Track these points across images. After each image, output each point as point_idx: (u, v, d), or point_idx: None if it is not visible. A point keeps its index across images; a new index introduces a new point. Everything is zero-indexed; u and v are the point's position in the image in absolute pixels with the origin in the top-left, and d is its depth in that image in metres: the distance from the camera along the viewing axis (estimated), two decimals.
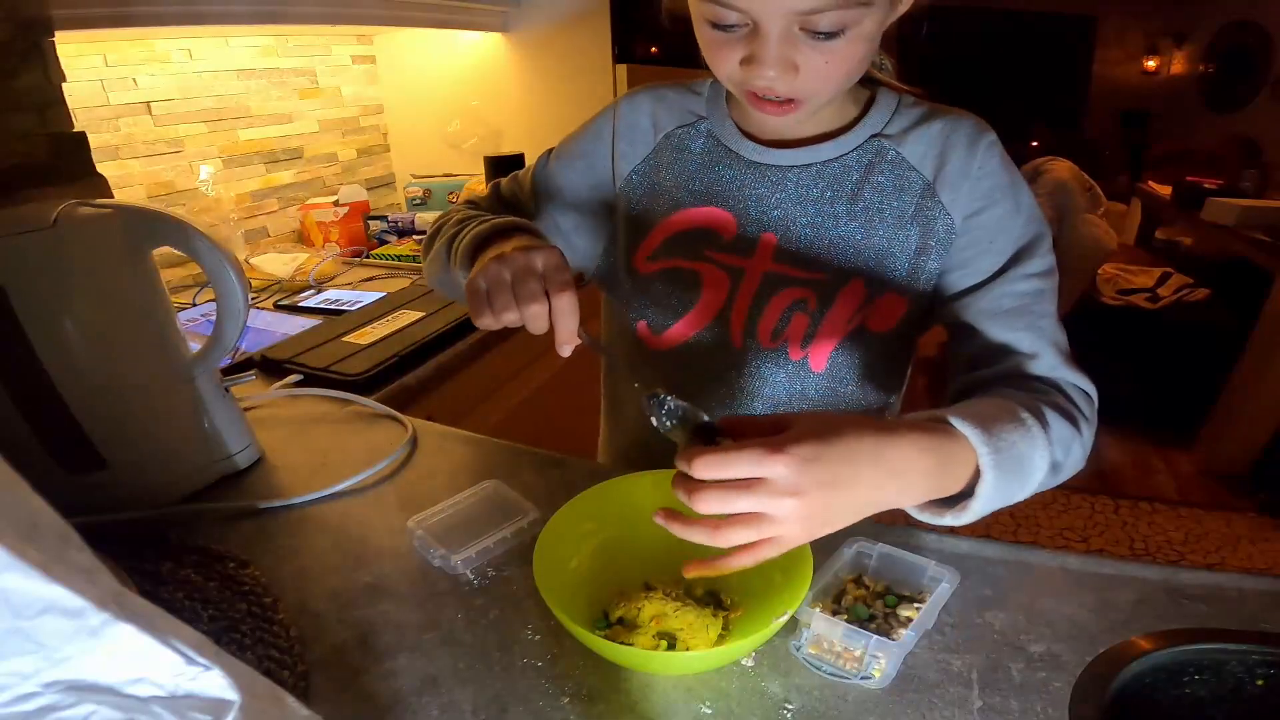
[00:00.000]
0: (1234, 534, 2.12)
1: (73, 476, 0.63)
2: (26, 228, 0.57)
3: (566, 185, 0.73)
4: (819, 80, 0.53)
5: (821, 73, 0.53)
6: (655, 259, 0.68)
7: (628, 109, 0.70)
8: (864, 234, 0.63)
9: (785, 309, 0.64)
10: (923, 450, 0.43)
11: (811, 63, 0.52)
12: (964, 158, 0.61)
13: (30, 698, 0.23)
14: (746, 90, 0.56)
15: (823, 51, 0.51)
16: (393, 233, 1.76)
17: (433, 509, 0.61)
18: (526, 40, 1.75)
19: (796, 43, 0.51)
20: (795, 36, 0.51)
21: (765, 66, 0.51)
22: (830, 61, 0.52)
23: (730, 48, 0.53)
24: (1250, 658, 0.48)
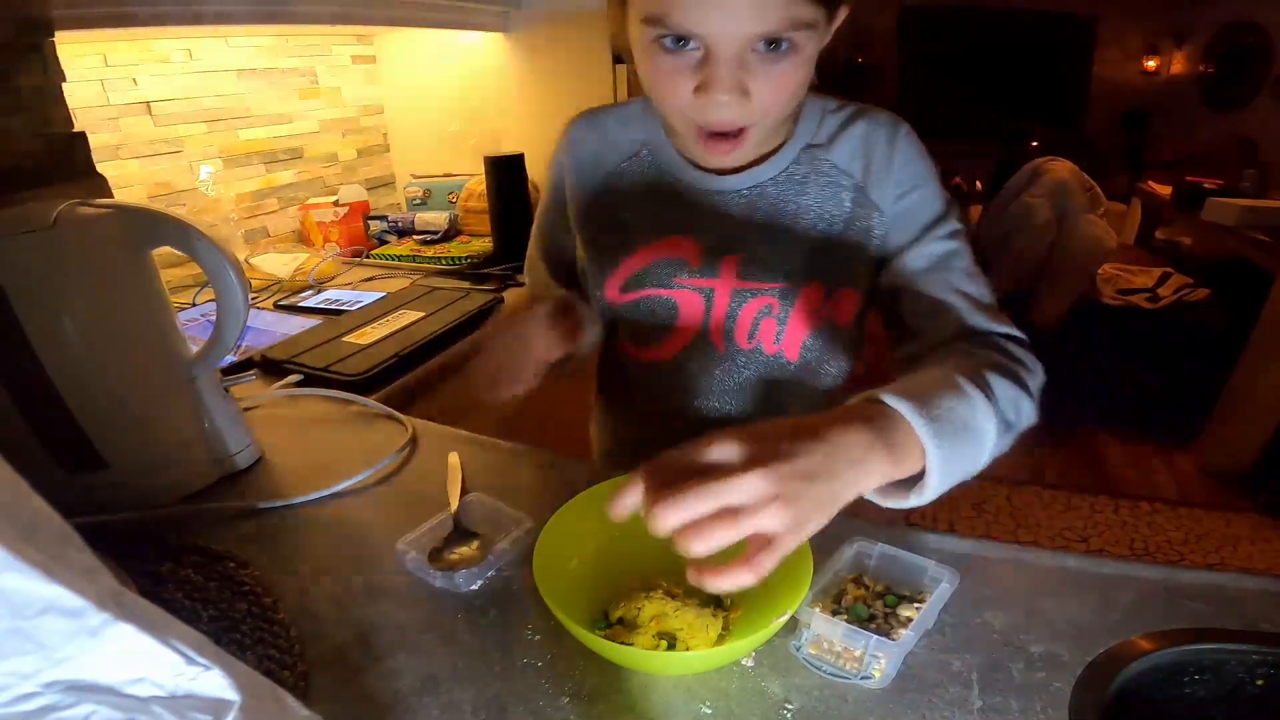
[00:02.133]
0: (1234, 534, 2.12)
1: (73, 476, 0.63)
2: (26, 228, 0.57)
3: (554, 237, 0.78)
4: (768, 103, 0.55)
5: (770, 96, 0.54)
6: (628, 290, 0.70)
7: (575, 143, 0.73)
8: (812, 240, 0.66)
9: (755, 315, 0.68)
10: (871, 435, 0.42)
11: (761, 86, 0.53)
12: (885, 153, 0.64)
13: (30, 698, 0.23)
14: (697, 127, 0.57)
15: (772, 74, 0.53)
16: (393, 233, 1.76)
17: (421, 527, 0.59)
18: (526, 40, 1.75)
19: (748, 66, 0.52)
20: (747, 60, 0.52)
21: (719, 91, 0.52)
22: (778, 84, 0.54)
23: (681, 75, 0.53)
24: (1250, 658, 0.48)
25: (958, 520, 2.21)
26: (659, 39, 0.52)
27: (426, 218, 1.74)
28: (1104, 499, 2.29)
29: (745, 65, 0.52)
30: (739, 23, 0.50)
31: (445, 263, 1.58)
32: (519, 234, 1.56)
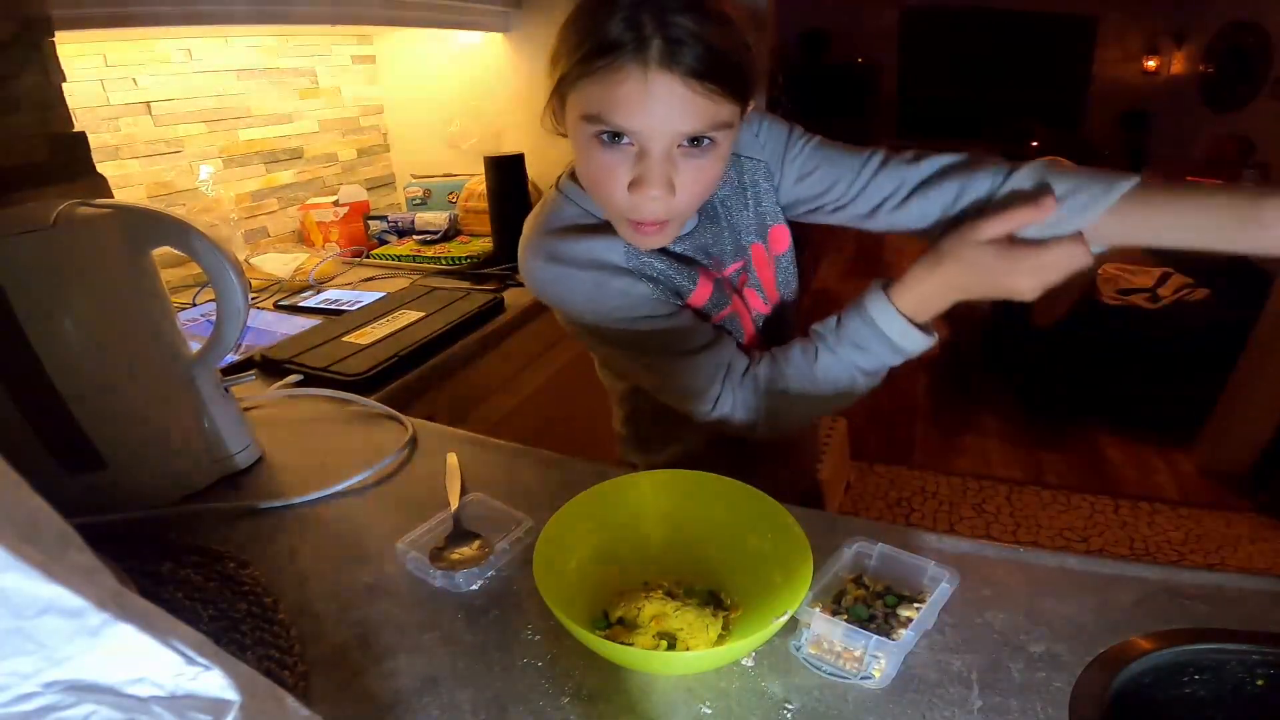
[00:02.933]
0: (1234, 534, 2.12)
1: (73, 476, 0.63)
2: (26, 228, 0.57)
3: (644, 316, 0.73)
4: (690, 196, 0.61)
5: (692, 189, 0.61)
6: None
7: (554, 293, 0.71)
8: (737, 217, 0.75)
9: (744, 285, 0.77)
10: None
11: (685, 180, 0.60)
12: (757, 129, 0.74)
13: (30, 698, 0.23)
14: (631, 221, 0.63)
15: (692, 169, 0.60)
16: (393, 233, 1.76)
17: (421, 527, 0.59)
18: (526, 40, 1.75)
19: (674, 161, 0.59)
20: (674, 157, 0.59)
21: (651, 187, 0.58)
22: (699, 178, 0.61)
23: (619, 170, 0.59)
24: (1250, 658, 0.48)
25: (958, 520, 2.21)
26: (599, 135, 0.58)
27: (426, 218, 1.74)
28: (1104, 499, 2.29)
29: (672, 160, 0.59)
30: (669, 122, 0.56)
31: (445, 263, 1.58)
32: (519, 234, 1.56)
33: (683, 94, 0.55)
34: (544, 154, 1.77)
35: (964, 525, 2.18)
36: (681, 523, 0.56)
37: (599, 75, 0.56)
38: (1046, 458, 2.53)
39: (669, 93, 0.55)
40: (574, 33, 0.58)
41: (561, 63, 0.60)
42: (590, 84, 0.57)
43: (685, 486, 0.57)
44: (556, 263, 0.69)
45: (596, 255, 0.68)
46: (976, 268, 0.63)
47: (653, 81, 0.55)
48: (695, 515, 0.56)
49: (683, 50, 0.54)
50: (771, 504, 0.53)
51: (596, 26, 0.55)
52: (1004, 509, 2.26)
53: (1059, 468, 2.48)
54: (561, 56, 0.60)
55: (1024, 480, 2.41)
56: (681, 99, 0.55)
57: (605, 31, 0.55)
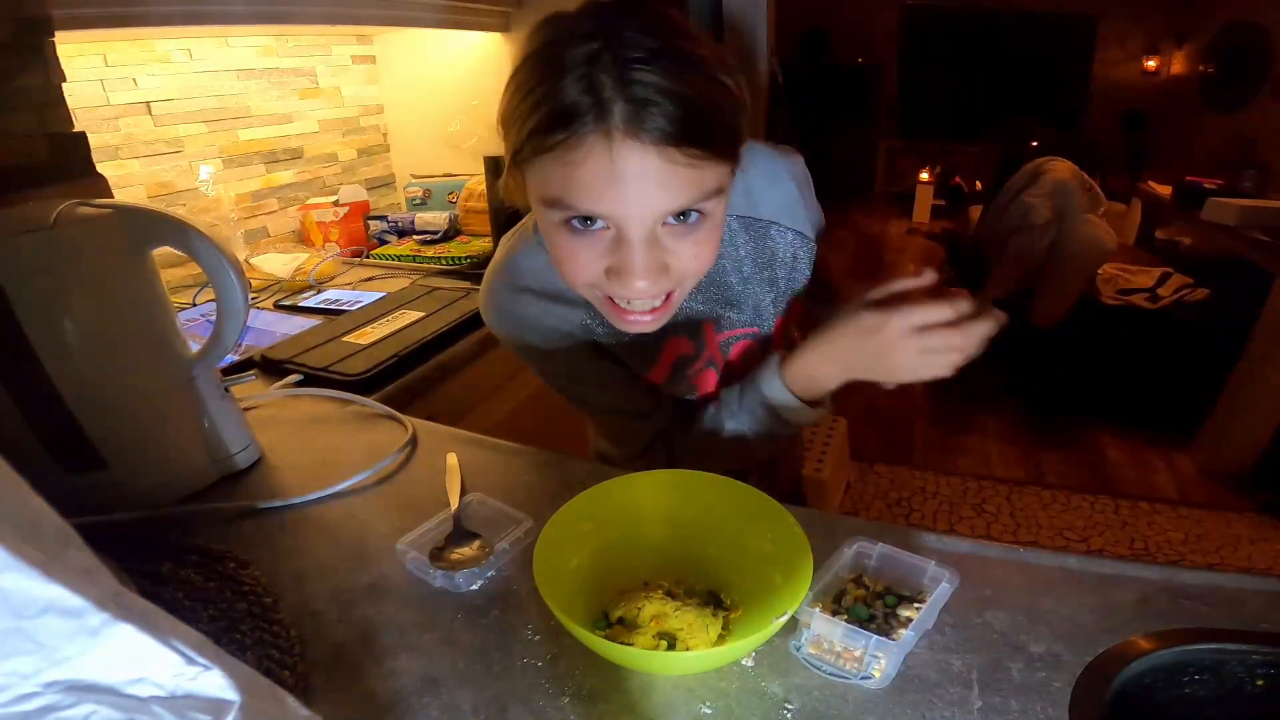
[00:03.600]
0: (1234, 534, 2.12)
1: (73, 476, 0.63)
2: (26, 228, 0.57)
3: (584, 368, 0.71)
4: (687, 273, 0.54)
5: (688, 265, 0.53)
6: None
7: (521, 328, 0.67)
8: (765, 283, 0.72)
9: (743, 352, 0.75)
10: None
11: (679, 258, 0.52)
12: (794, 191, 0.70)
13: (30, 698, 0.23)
14: (610, 302, 0.55)
15: (687, 245, 0.51)
16: (393, 233, 1.76)
17: (421, 527, 0.59)
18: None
19: (661, 242, 0.50)
20: (659, 236, 0.50)
21: (635, 278, 0.50)
22: (695, 254, 0.52)
23: (592, 256, 0.51)
24: (1250, 658, 0.48)
25: (958, 520, 2.21)
26: (565, 221, 0.50)
27: (426, 218, 1.74)
28: (1104, 499, 2.29)
29: (657, 242, 0.50)
30: (646, 204, 0.47)
31: (445, 263, 1.58)
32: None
33: (658, 166, 0.46)
34: None
35: (964, 525, 2.18)
36: (681, 523, 0.56)
37: (556, 152, 0.47)
38: (1046, 458, 2.53)
39: (641, 166, 0.46)
40: (523, 96, 0.48)
41: (513, 130, 0.50)
42: (548, 162, 0.48)
43: (685, 486, 0.57)
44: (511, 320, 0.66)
45: (552, 325, 0.64)
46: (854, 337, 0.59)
47: (620, 155, 0.45)
48: (695, 515, 0.56)
49: (651, 112, 0.45)
50: (771, 504, 0.53)
51: (547, 91, 0.46)
52: (1004, 509, 2.26)
53: (1059, 468, 2.48)
54: (513, 122, 0.50)
55: (1024, 480, 2.41)
56: (658, 172, 0.46)
57: (558, 97, 0.45)
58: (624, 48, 0.45)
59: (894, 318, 0.56)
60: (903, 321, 0.56)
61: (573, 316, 0.64)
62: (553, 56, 0.46)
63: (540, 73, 0.47)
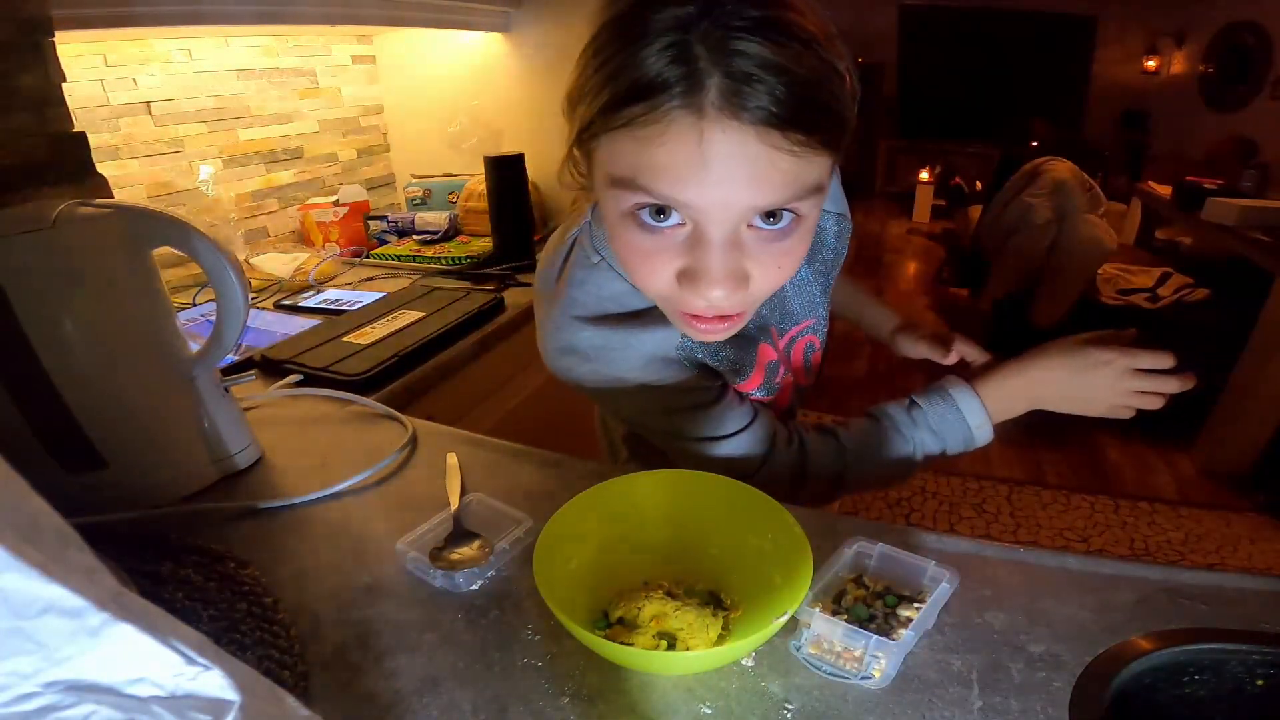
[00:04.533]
0: (1234, 534, 2.12)
1: (73, 476, 0.63)
2: (26, 228, 0.57)
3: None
4: (769, 286, 0.47)
5: (769, 278, 0.46)
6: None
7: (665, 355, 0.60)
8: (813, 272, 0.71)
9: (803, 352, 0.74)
10: None
11: (762, 267, 0.45)
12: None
13: (30, 698, 0.23)
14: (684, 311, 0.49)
15: (773, 253, 0.45)
16: (393, 233, 1.76)
17: (421, 527, 0.59)
18: (526, 40, 1.75)
19: (745, 246, 0.44)
20: (743, 239, 0.44)
21: (710, 286, 0.44)
22: (781, 263, 0.46)
23: (664, 258, 0.45)
24: (1250, 658, 0.48)
25: (958, 520, 2.21)
26: (634, 211, 0.44)
27: (426, 218, 1.74)
28: (1104, 499, 2.29)
29: (740, 245, 0.44)
30: (736, 195, 0.41)
31: (445, 263, 1.58)
32: (519, 234, 1.56)
33: (756, 151, 0.40)
34: (544, 154, 1.78)
35: (964, 525, 2.18)
36: (681, 522, 0.56)
37: (635, 127, 0.40)
38: (1046, 458, 2.53)
39: (735, 151, 0.39)
40: (598, 66, 0.42)
41: (583, 105, 0.44)
42: (623, 138, 0.42)
43: (685, 486, 0.57)
44: (595, 361, 0.56)
45: (649, 351, 0.55)
46: (1075, 369, 0.64)
47: (712, 136, 0.39)
48: (695, 515, 0.56)
49: (754, 89, 0.38)
50: (771, 504, 0.53)
51: (628, 59, 0.40)
52: (1004, 509, 2.26)
53: (1059, 468, 2.48)
54: (584, 96, 0.44)
55: (1024, 480, 2.41)
56: (754, 159, 0.40)
57: (641, 65, 0.39)
58: (724, 14, 0.38)
59: (1123, 356, 0.62)
60: (1130, 361, 0.62)
61: (668, 336, 0.56)
62: (637, 21, 0.40)
63: (621, 39, 0.41)
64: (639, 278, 0.49)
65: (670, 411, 0.59)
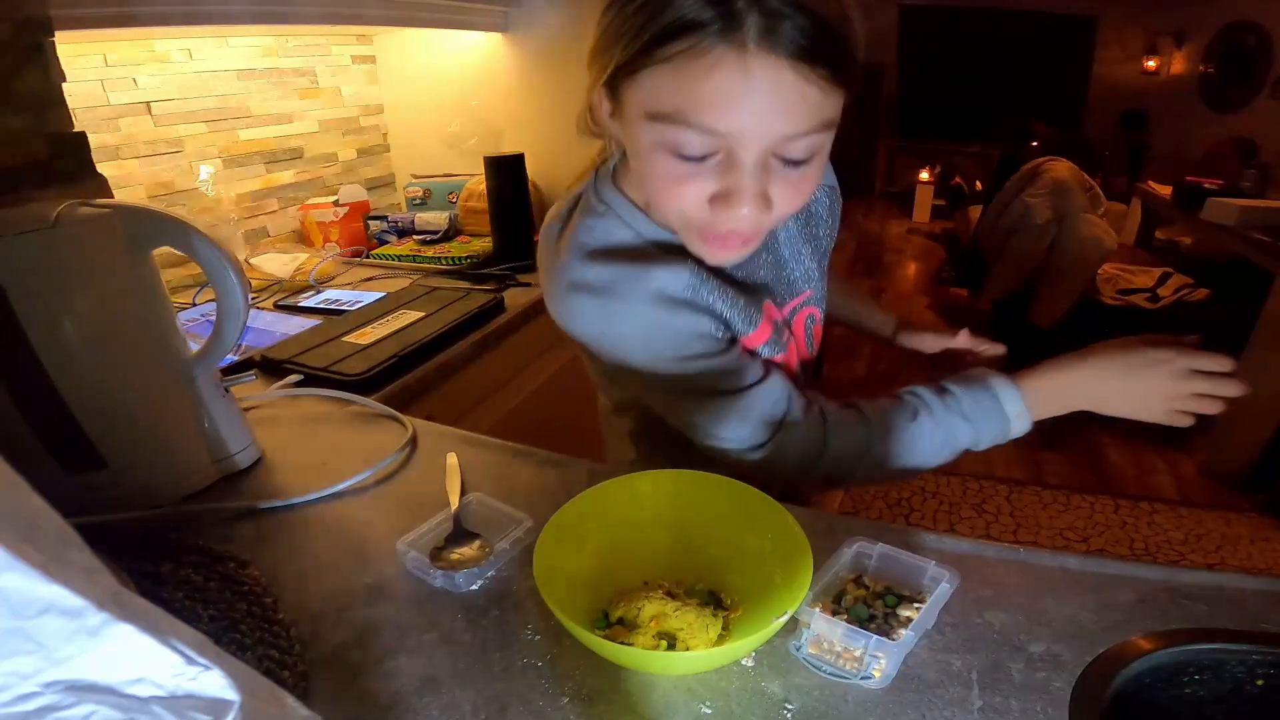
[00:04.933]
0: (1234, 534, 2.12)
1: (73, 476, 0.63)
2: (26, 228, 0.57)
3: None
4: (785, 210, 0.52)
5: (789, 201, 0.52)
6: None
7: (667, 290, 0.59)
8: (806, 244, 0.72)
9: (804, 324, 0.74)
10: None
11: (782, 192, 0.51)
12: None
13: (30, 698, 0.23)
14: (700, 230, 0.53)
15: (792, 179, 0.51)
16: (393, 233, 1.76)
17: (421, 527, 0.59)
18: (526, 40, 1.75)
19: (770, 172, 0.49)
20: (770, 166, 0.49)
21: (741, 204, 0.49)
22: (798, 188, 0.52)
23: (697, 182, 0.50)
24: (1250, 658, 0.48)
25: (958, 520, 2.21)
26: (671, 142, 0.48)
27: (426, 218, 1.74)
28: (1104, 499, 2.29)
29: (767, 171, 0.49)
30: (770, 123, 0.46)
31: (445, 263, 1.58)
32: (519, 234, 1.56)
33: (791, 82, 0.45)
34: (544, 154, 1.78)
35: (964, 525, 2.18)
36: (681, 522, 0.56)
37: (676, 62, 0.45)
38: (1046, 458, 2.53)
39: (773, 82, 0.44)
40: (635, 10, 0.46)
41: (617, 47, 0.48)
42: (663, 74, 0.46)
43: (685, 486, 0.57)
44: (605, 297, 0.57)
45: (658, 287, 0.57)
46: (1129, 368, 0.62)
47: (753, 70, 0.44)
48: (695, 515, 0.56)
49: (786, 26, 0.43)
50: (771, 504, 0.53)
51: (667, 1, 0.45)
52: (1004, 509, 2.26)
53: (1059, 468, 2.48)
54: (618, 39, 0.48)
55: (1024, 480, 2.41)
56: (789, 90, 0.45)
57: (683, 6, 0.44)
58: None
59: (1181, 356, 0.60)
60: (1189, 361, 0.60)
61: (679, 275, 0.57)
62: None
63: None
64: (669, 202, 0.52)
65: (681, 359, 0.58)
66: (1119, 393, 0.62)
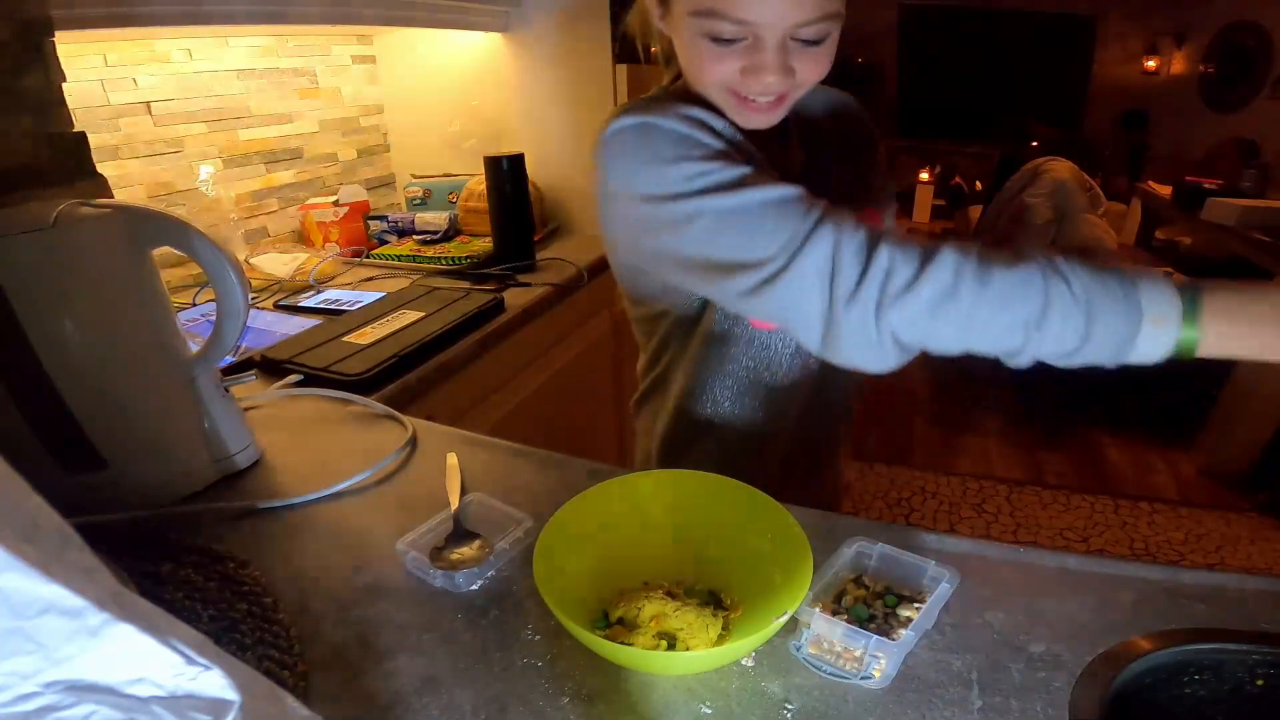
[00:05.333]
0: (1234, 534, 2.12)
1: (73, 476, 0.63)
2: (26, 228, 0.57)
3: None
4: (807, 77, 0.63)
5: (810, 74, 0.63)
6: None
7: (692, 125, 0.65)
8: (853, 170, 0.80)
9: None
10: None
11: (803, 66, 0.62)
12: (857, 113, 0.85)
13: (30, 698, 0.23)
14: (736, 96, 0.64)
15: (811, 57, 0.62)
16: (393, 233, 1.76)
17: (421, 527, 0.59)
18: (526, 40, 1.75)
19: (790, 51, 0.61)
20: (789, 46, 0.60)
21: (767, 73, 0.60)
22: (816, 65, 0.63)
23: (730, 59, 0.61)
24: (1250, 658, 0.48)
25: (958, 520, 2.21)
26: (709, 30, 0.59)
27: (426, 218, 1.74)
28: (1104, 499, 2.29)
29: (786, 50, 0.60)
30: (787, 13, 0.58)
31: (445, 263, 1.58)
32: (519, 234, 1.56)
33: None
34: (544, 154, 1.78)
35: (964, 525, 2.18)
36: (681, 523, 0.56)
37: None
38: (1046, 458, 2.53)
39: None
40: None
41: None
42: None
43: (685, 486, 0.57)
44: (645, 116, 0.63)
45: (697, 114, 0.65)
46: None
47: None
48: (695, 515, 0.56)
49: None
50: (771, 504, 0.53)
51: None
52: (1004, 509, 2.26)
53: (1059, 468, 2.48)
54: None
55: (1024, 480, 2.41)
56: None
57: None
58: None
59: None
60: None
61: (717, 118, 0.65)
62: None
63: None
64: (708, 76, 0.63)
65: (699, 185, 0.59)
66: None
